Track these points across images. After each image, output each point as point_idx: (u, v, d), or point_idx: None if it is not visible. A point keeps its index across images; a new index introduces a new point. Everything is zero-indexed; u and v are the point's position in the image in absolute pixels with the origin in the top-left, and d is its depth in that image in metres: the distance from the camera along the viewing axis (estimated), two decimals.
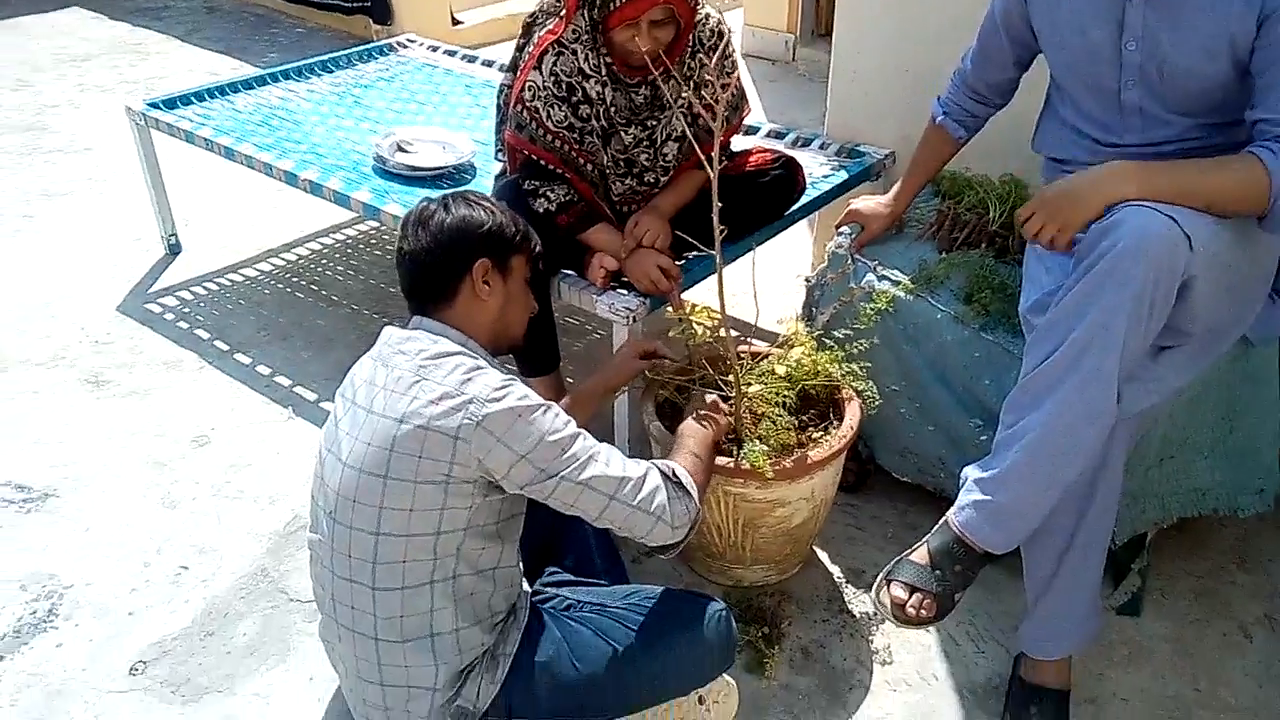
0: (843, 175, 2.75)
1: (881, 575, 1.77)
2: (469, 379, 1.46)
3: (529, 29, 2.32)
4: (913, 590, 1.72)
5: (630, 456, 2.27)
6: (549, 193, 2.20)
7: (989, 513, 1.70)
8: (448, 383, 1.46)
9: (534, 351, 2.30)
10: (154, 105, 3.25)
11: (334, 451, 1.55)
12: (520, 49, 2.33)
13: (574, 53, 2.17)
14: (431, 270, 1.58)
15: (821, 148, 2.94)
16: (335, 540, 1.53)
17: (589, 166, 2.26)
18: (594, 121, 2.23)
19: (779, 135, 3.03)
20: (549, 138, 2.20)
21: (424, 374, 1.47)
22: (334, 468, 1.54)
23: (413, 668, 1.53)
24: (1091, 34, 1.81)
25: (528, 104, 2.19)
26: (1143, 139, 1.85)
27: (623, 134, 2.27)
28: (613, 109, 2.22)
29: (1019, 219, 1.75)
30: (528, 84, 2.19)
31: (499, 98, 2.42)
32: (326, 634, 1.64)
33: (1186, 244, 1.55)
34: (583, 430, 1.54)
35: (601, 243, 2.25)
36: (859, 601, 2.14)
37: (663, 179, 2.35)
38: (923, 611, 1.71)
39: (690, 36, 2.21)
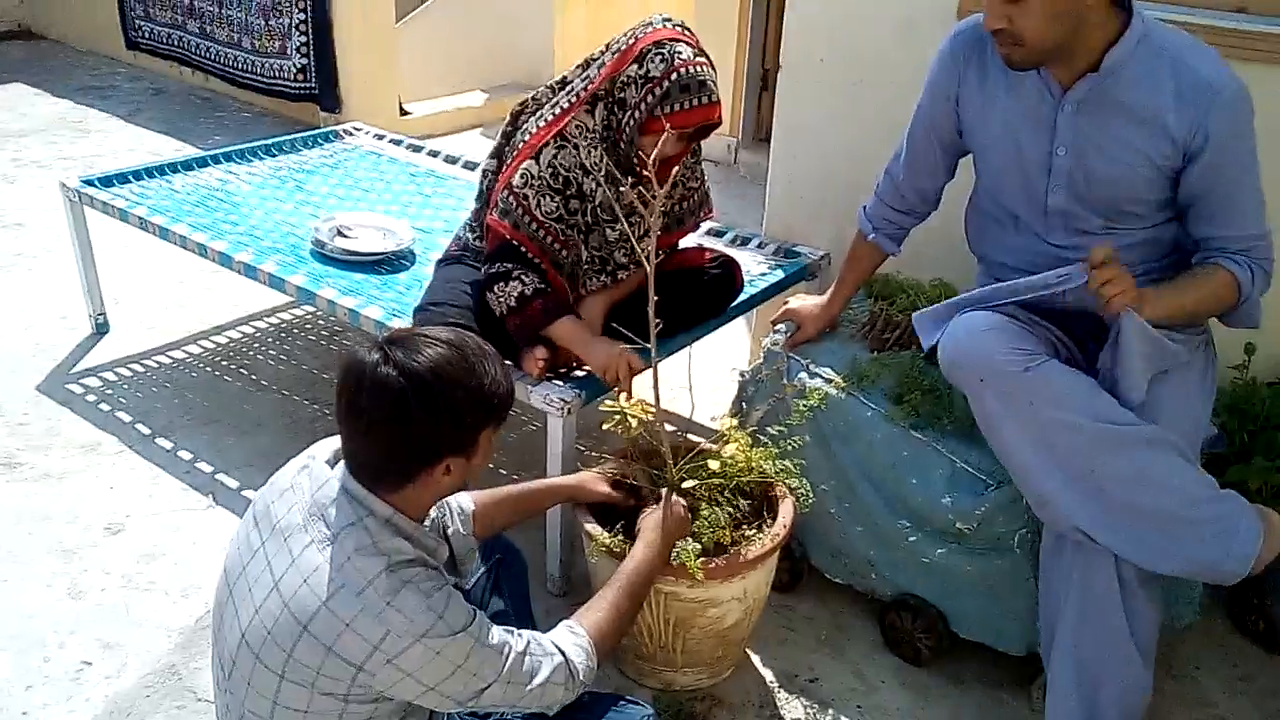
0: (780, 274, 2.79)
1: None
2: (389, 603, 1.29)
3: (517, 117, 2.34)
4: None
5: (560, 557, 2.27)
6: (524, 276, 2.18)
7: None
8: (365, 602, 1.29)
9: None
10: (89, 182, 3.20)
11: (234, 603, 1.40)
12: (508, 136, 2.35)
13: (576, 148, 2.19)
14: (377, 457, 1.37)
15: (759, 247, 2.99)
16: (229, 704, 1.42)
17: (567, 258, 2.27)
18: (579, 217, 2.24)
19: (719, 234, 3.07)
20: (534, 226, 2.20)
21: (344, 575, 1.30)
22: (231, 626, 1.39)
23: None
24: (1023, 140, 1.89)
25: (517, 190, 2.19)
26: (1066, 241, 1.92)
27: (607, 231, 2.29)
28: (600, 207, 2.25)
29: (1096, 257, 1.69)
30: (522, 170, 2.19)
31: (482, 182, 2.41)
32: None
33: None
34: (495, 639, 1.39)
35: (569, 336, 2.21)
36: (791, 707, 2.09)
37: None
38: None
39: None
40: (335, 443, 1.46)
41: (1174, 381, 1.85)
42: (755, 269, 2.82)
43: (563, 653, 1.48)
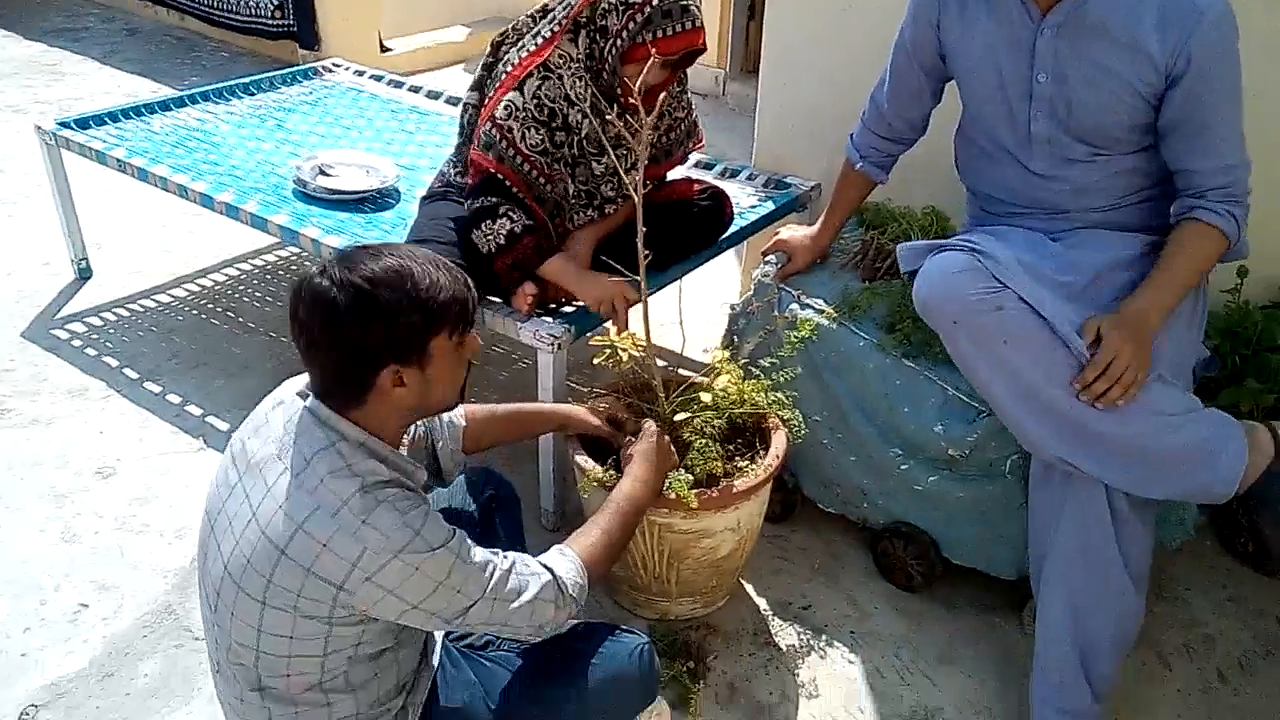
0: (770, 206, 2.76)
1: None
2: (364, 521, 1.28)
3: (498, 48, 2.29)
4: None
5: (554, 492, 2.28)
6: (511, 212, 2.14)
7: None
8: (340, 522, 1.28)
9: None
10: (65, 125, 3.14)
11: (216, 539, 1.39)
12: (489, 68, 2.30)
13: (560, 78, 2.15)
14: (329, 375, 1.36)
15: (749, 179, 2.95)
16: (217, 637, 1.41)
17: (551, 192, 2.24)
18: (566, 150, 2.21)
19: (708, 166, 3.03)
20: (518, 160, 2.16)
21: (318, 497, 1.29)
22: (214, 561, 1.38)
23: None
24: (1004, 65, 1.86)
25: (500, 122, 2.14)
26: (1049, 169, 1.90)
27: (593, 164, 2.25)
28: (586, 140, 2.21)
29: (1101, 362, 1.69)
30: (505, 102, 2.14)
31: (463, 116, 2.36)
32: (221, 699, 1.52)
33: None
34: (477, 557, 1.38)
35: (560, 272, 2.18)
36: (785, 634, 2.11)
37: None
38: None
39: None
40: (306, 378, 1.45)
41: None
42: (745, 201, 2.79)
43: (551, 571, 1.47)
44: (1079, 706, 1.82)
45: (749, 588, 2.23)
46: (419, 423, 1.69)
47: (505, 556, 1.43)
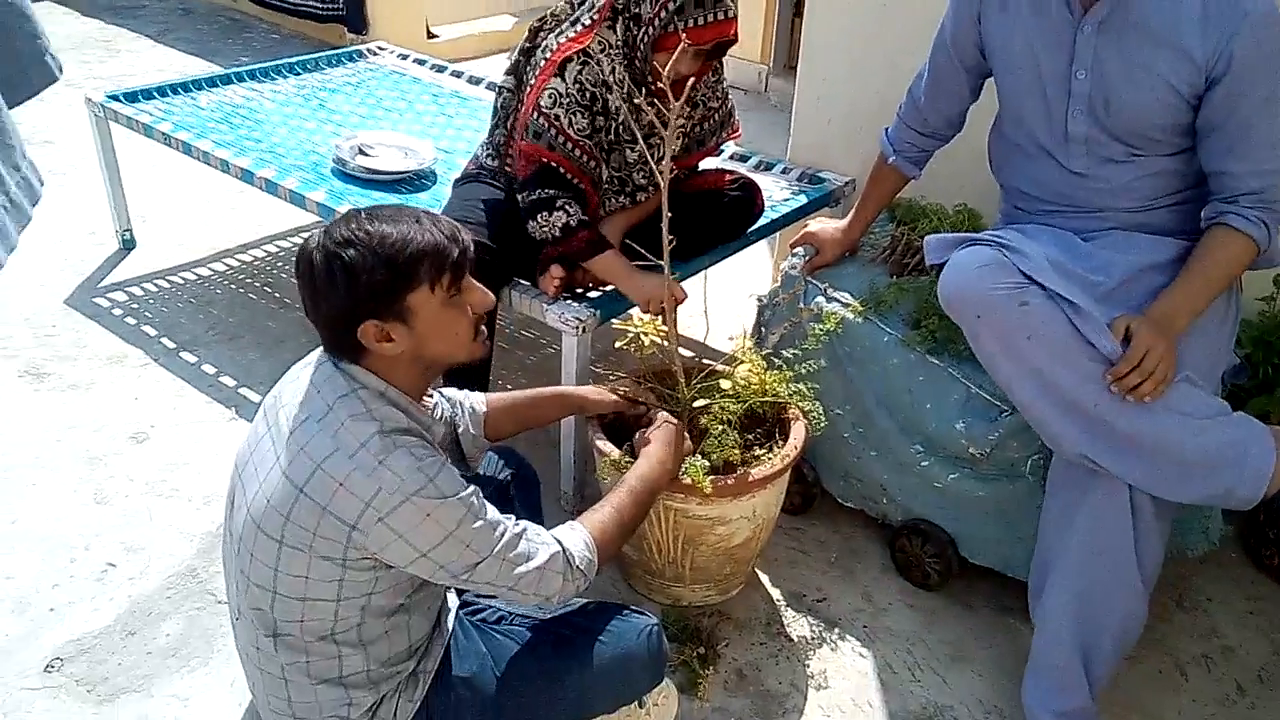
0: (803, 199, 2.76)
1: None
2: (381, 461, 1.32)
3: (535, 34, 2.31)
4: None
5: (574, 475, 2.29)
6: (568, 206, 2.16)
7: None
8: (358, 462, 1.31)
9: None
10: (114, 97, 3.21)
11: (242, 483, 1.44)
12: (526, 54, 2.32)
13: (599, 64, 2.16)
14: (324, 331, 1.41)
15: (784, 172, 2.95)
16: (236, 582, 1.46)
17: (600, 174, 2.26)
18: (603, 135, 2.23)
19: (743, 159, 3.04)
20: (569, 145, 2.17)
21: (339, 439, 1.33)
22: (239, 504, 1.44)
23: (325, 702, 1.46)
24: (1043, 61, 1.85)
25: (546, 111, 2.16)
26: (1086, 168, 1.88)
27: (627, 152, 2.27)
28: (622, 126, 2.23)
29: (1134, 357, 1.68)
30: (548, 90, 2.16)
31: (497, 99, 2.39)
32: (240, 648, 1.56)
33: None
34: (489, 515, 1.41)
35: (611, 268, 2.19)
36: (798, 625, 2.12)
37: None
38: None
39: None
40: None
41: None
42: (778, 194, 2.79)
43: (561, 543, 1.49)
44: (1078, 707, 1.80)
45: (764, 578, 2.23)
46: (444, 405, 1.72)
47: (517, 522, 1.45)
